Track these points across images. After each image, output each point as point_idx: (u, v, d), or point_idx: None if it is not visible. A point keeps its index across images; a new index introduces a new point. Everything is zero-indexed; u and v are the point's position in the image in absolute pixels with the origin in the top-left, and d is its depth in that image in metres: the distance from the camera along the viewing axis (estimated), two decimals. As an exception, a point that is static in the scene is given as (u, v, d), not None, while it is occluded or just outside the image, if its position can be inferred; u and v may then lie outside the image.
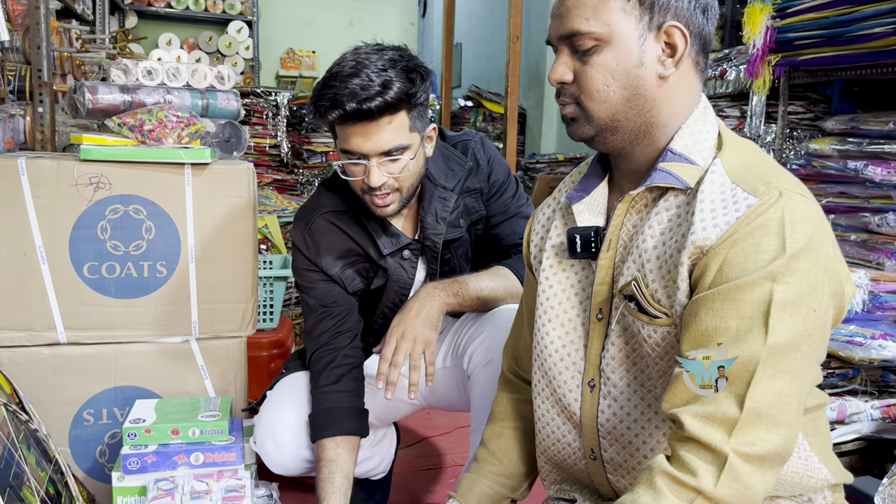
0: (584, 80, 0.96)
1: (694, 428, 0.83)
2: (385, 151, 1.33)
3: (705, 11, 0.96)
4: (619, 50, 0.94)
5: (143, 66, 1.73)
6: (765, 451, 0.82)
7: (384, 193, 1.37)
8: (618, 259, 1.02)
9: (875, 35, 1.82)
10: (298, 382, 1.55)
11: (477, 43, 5.99)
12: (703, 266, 0.87)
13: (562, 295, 1.09)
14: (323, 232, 1.49)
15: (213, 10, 5.60)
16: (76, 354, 1.62)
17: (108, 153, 1.58)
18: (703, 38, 0.97)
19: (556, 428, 1.12)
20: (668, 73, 0.95)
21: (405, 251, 1.50)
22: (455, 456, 2.18)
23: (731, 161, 0.94)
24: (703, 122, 0.98)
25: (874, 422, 1.68)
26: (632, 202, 1.00)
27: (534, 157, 4.57)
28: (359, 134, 1.31)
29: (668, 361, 0.95)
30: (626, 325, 1.00)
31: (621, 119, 0.97)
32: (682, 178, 0.94)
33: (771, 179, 0.89)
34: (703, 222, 0.89)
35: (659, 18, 0.93)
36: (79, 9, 2.91)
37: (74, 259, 1.58)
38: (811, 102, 2.36)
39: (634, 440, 1.02)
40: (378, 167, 1.34)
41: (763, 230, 0.85)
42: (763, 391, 0.82)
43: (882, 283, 1.76)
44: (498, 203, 1.57)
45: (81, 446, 1.65)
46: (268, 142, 3.54)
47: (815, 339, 0.85)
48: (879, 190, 1.91)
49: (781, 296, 0.83)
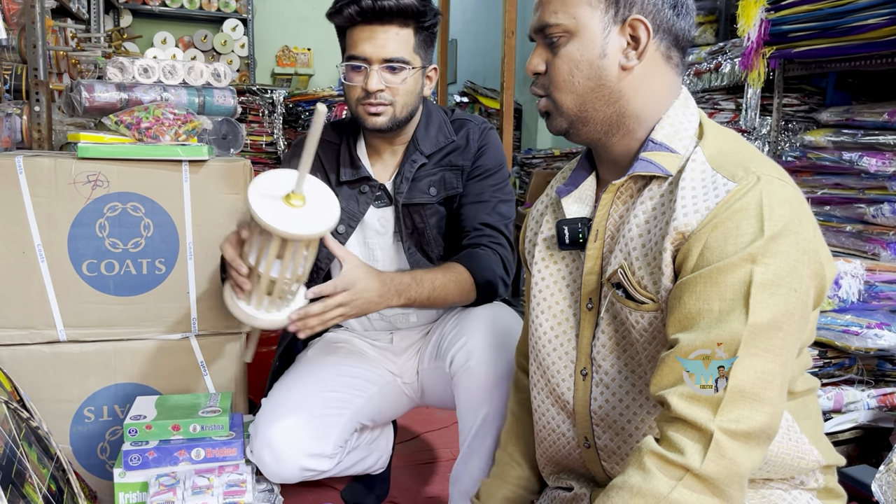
0: (552, 70, 1.01)
1: (680, 408, 0.85)
2: (387, 59, 1.44)
3: (675, 7, 0.99)
4: (584, 41, 0.98)
5: (140, 64, 1.73)
6: (750, 427, 0.83)
7: (378, 103, 1.47)
8: (605, 249, 1.04)
9: (869, 26, 1.83)
10: (293, 387, 1.55)
11: (472, 39, 5.99)
12: (686, 251, 0.90)
13: (553, 286, 1.12)
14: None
15: (207, 8, 5.59)
16: (76, 352, 1.62)
17: (106, 151, 1.58)
18: (673, 34, 1.00)
19: (552, 418, 1.13)
20: (631, 64, 0.98)
21: (364, 186, 1.56)
22: (452, 450, 2.19)
23: (711, 149, 0.96)
24: (684, 112, 1.01)
25: (870, 411, 1.70)
26: (616, 192, 1.03)
27: (530, 153, 4.57)
28: (366, 38, 1.44)
29: (656, 346, 0.98)
30: (614, 312, 1.02)
31: (589, 109, 1.00)
32: (663, 167, 0.97)
33: (749, 165, 0.91)
34: (684, 208, 0.91)
35: (624, 12, 0.97)
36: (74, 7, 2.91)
37: (73, 257, 1.59)
38: (806, 94, 2.37)
39: (627, 426, 1.03)
40: (378, 72, 1.45)
41: (742, 213, 0.87)
42: (746, 370, 0.84)
43: (878, 273, 1.77)
44: (476, 185, 1.58)
45: (82, 443, 1.65)
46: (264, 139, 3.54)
47: (796, 318, 0.87)
48: (874, 181, 1.92)
49: (761, 277, 0.85)
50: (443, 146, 1.58)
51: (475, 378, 1.39)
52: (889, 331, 1.66)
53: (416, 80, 1.50)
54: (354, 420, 1.57)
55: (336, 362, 1.62)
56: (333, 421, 1.52)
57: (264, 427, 1.46)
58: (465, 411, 1.44)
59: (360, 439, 1.66)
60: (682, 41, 1.01)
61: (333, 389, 1.55)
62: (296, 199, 1.16)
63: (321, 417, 1.50)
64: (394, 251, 1.62)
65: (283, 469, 1.45)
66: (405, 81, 1.47)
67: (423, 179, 1.55)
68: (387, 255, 1.62)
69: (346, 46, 1.49)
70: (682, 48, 1.02)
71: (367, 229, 1.61)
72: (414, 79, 1.49)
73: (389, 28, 1.43)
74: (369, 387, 1.61)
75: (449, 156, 1.58)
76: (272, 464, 1.45)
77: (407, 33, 1.46)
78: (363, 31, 1.44)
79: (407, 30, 1.45)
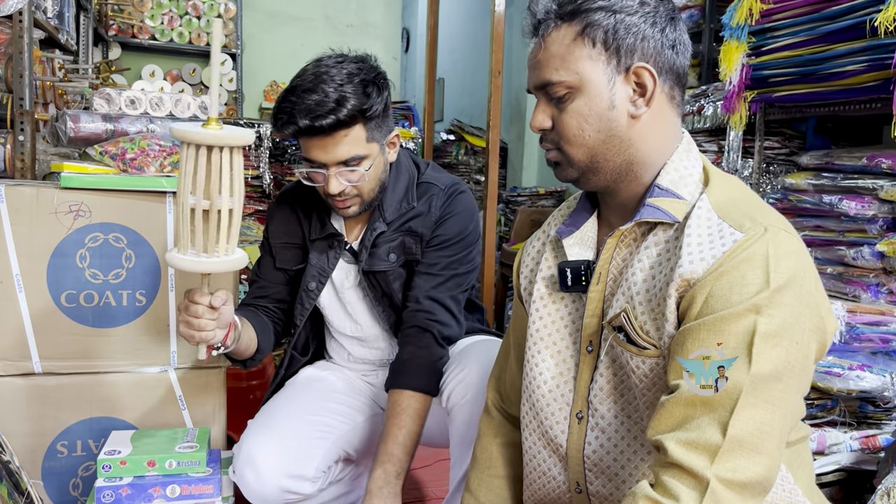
0: (560, 126, 1.00)
1: (677, 454, 0.84)
2: (342, 161, 1.41)
3: (674, 46, 0.99)
4: (591, 95, 0.98)
5: (126, 96, 1.73)
6: (746, 478, 0.82)
7: (344, 198, 1.46)
8: (607, 292, 1.03)
9: (848, 73, 1.87)
10: (279, 410, 1.55)
11: (459, 78, 6.06)
12: (690, 298, 0.89)
13: (552, 327, 1.10)
14: (280, 207, 1.65)
15: (197, 42, 5.62)
16: (51, 385, 1.59)
17: (89, 181, 1.57)
18: (675, 73, 1.00)
19: (542, 461, 1.11)
20: (640, 112, 0.98)
21: (333, 241, 1.58)
22: (436, 489, 2.16)
23: (717, 196, 0.96)
24: (688, 157, 1.01)
25: (853, 453, 1.69)
26: (621, 237, 1.03)
27: (515, 191, 4.61)
28: (316, 147, 1.41)
29: (655, 393, 0.96)
30: (614, 356, 1.01)
31: (600, 160, 1.00)
32: (671, 213, 0.97)
33: (756, 215, 0.92)
34: (690, 256, 0.91)
35: (626, 61, 0.97)
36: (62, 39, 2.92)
37: (52, 287, 1.56)
38: (786, 138, 2.41)
39: (621, 472, 1.02)
40: (336, 176, 1.43)
41: (748, 264, 0.87)
42: (745, 419, 0.83)
43: (859, 315, 1.78)
44: (431, 254, 1.56)
45: (54, 479, 1.61)
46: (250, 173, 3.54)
47: (797, 370, 0.87)
48: (854, 224, 1.95)
49: (765, 327, 0.85)
50: (404, 212, 1.56)
51: (472, 414, 1.39)
52: (871, 372, 1.66)
53: (377, 164, 1.47)
54: (338, 446, 1.56)
55: (325, 388, 1.63)
56: (317, 444, 1.52)
57: (248, 446, 1.45)
58: (458, 447, 1.44)
59: (344, 472, 1.65)
60: (682, 78, 1.02)
61: (319, 414, 1.56)
62: (212, 123, 1.13)
63: (305, 440, 1.50)
64: (365, 307, 1.64)
65: (264, 488, 1.44)
66: (363, 177, 1.44)
67: (382, 246, 1.55)
68: (359, 311, 1.64)
69: (301, 148, 1.46)
70: (682, 85, 1.03)
71: (338, 285, 1.63)
72: (375, 165, 1.46)
73: (336, 134, 1.39)
74: (356, 416, 1.61)
75: (409, 222, 1.56)
76: (253, 482, 1.43)
77: (356, 131, 1.40)
78: (311, 140, 1.40)
79: (356, 128, 1.40)
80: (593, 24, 0.96)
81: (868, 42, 1.80)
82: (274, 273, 1.65)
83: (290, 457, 1.45)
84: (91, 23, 4.30)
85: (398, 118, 3.88)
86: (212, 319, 1.25)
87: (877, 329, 1.75)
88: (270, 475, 1.43)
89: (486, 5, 4.77)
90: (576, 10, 0.97)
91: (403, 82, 6.78)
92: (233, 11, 5.68)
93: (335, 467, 1.59)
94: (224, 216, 1.16)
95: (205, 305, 1.24)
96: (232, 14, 5.69)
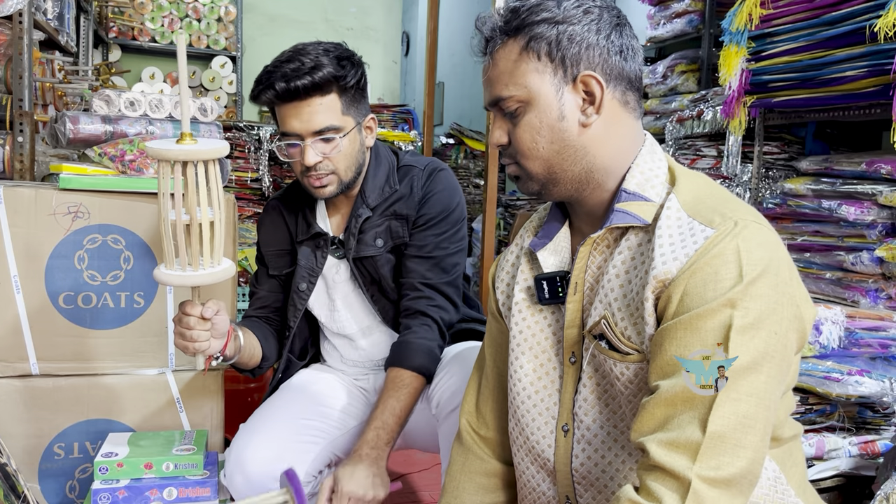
0: (515, 140, 1.01)
1: (658, 455, 0.83)
2: (317, 131, 1.44)
3: (621, 52, 0.99)
4: (541, 108, 0.98)
5: (126, 97, 1.73)
6: (730, 474, 0.82)
7: (320, 174, 1.47)
8: (585, 301, 1.03)
9: (847, 78, 1.87)
10: (270, 413, 1.54)
11: (459, 81, 6.06)
12: (666, 298, 0.89)
13: (532, 340, 1.10)
14: (269, 213, 1.67)
15: (197, 45, 5.63)
16: (49, 386, 1.59)
17: (88, 182, 1.57)
18: (625, 78, 1.00)
19: (531, 477, 1.10)
20: (591, 120, 0.99)
21: (319, 241, 1.59)
22: (433, 493, 2.15)
23: (685, 195, 0.96)
24: (652, 158, 1.01)
25: (852, 458, 1.69)
26: (594, 244, 1.02)
27: (514, 194, 4.61)
28: (292, 115, 1.44)
29: (641, 398, 0.95)
30: (596, 365, 1.00)
31: (557, 171, 1.00)
32: (640, 216, 0.97)
33: (725, 210, 0.92)
34: (662, 256, 0.91)
35: (572, 71, 0.98)
36: (62, 40, 2.92)
37: (50, 289, 1.56)
38: (785, 143, 2.41)
39: (610, 483, 1.01)
40: (312, 146, 1.45)
41: (720, 259, 0.87)
42: (726, 414, 0.83)
43: (857, 321, 1.78)
44: (419, 236, 1.57)
45: (51, 481, 1.61)
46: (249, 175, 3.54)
47: (776, 360, 0.86)
48: (853, 229, 1.95)
49: (741, 321, 0.85)
50: (387, 196, 1.58)
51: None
52: (869, 378, 1.66)
53: (352, 141, 1.50)
54: (330, 451, 1.56)
55: (317, 393, 1.62)
56: (308, 448, 1.51)
57: (237, 449, 1.45)
58: (448, 453, 1.42)
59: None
60: (635, 82, 1.01)
61: (311, 418, 1.55)
62: (186, 139, 1.14)
63: (296, 444, 1.49)
64: (356, 299, 1.64)
65: (253, 492, 1.42)
66: (340, 147, 1.47)
67: (368, 232, 1.57)
68: (349, 305, 1.64)
69: (278, 123, 1.50)
70: (636, 89, 1.02)
71: (329, 281, 1.63)
72: (350, 140, 1.49)
73: (311, 101, 1.43)
74: (349, 420, 1.60)
75: (394, 205, 1.58)
76: (243, 486, 1.43)
77: (331, 100, 1.45)
78: (287, 108, 1.44)
79: (330, 96, 1.44)
80: (537, 37, 0.97)
81: (867, 48, 1.81)
82: (269, 282, 1.67)
83: (280, 460, 1.44)
84: (91, 25, 4.30)
85: (398, 121, 3.88)
86: (205, 330, 1.28)
87: (876, 334, 1.75)
88: (260, 479, 1.42)
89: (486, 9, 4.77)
90: (520, 25, 0.98)
91: (403, 86, 6.79)
92: (233, 14, 5.69)
93: (327, 471, 1.58)
94: (206, 229, 1.17)
95: (196, 317, 1.27)
96: (232, 17, 5.70)
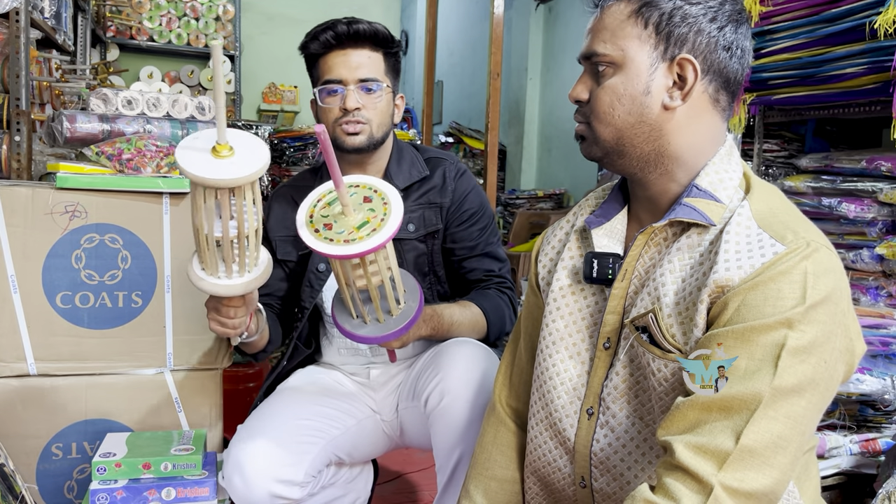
0: (594, 100, 0.99)
1: (684, 457, 0.82)
2: (362, 79, 1.53)
3: (729, 48, 0.96)
4: (629, 75, 0.96)
5: (123, 96, 1.72)
6: (752, 489, 0.81)
7: (356, 121, 1.53)
8: (631, 290, 1.01)
9: (847, 75, 1.87)
10: (268, 414, 1.53)
11: (458, 80, 6.06)
12: (722, 305, 0.88)
13: (568, 318, 1.08)
14: (277, 200, 1.69)
15: (195, 44, 5.62)
16: (46, 386, 1.58)
17: (85, 181, 1.56)
18: (724, 76, 0.97)
19: (548, 451, 1.10)
20: (675, 105, 0.96)
21: None
22: (433, 492, 2.15)
23: (758, 205, 0.94)
24: (729, 161, 0.99)
25: (853, 456, 1.68)
26: (651, 234, 1.01)
27: (514, 193, 4.61)
28: (340, 62, 1.53)
29: (673, 397, 0.94)
30: (633, 356, 0.99)
31: (626, 144, 0.98)
32: (707, 215, 0.95)
33: (798, 229, 0.90)
34: (727, 262, 0.89)
35: (673, 50, 0.95)
36: (60, 39, 2.91)
37: (47, 288, 1.55)
38: (785, 141, 2.41)
39: (627, 472, 1.01)
40: (355, 91, 1.52)
41: (786, 277, 0.86)
42: (761, 431, 0.82)
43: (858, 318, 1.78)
44: (466, 233, 1.62)
45: (49, 481, 1.60)
46: (248, 174, 3.53)
47: (821, 389, 0.85)
48: (853, 226, 1.94)
49: (795, 342, 0.83)
50: (416, 180, 1.62)
51: (450, 418, 1.37)
52: (871, 375, 1.66)
53: (388, 102, 1.59)
54: (329, 451, 1.54)
55: (315, 392, 1.61)
56: (307, 448, 1.50)
57: (235, 450, 1.44)
58: (440, 452, 1.42)
59: (338, 476, 1.63)
60: (732, 84, 0.99)
61: (309, 418, 1.54)
62: (223, 150, 1.11)
63: (295, 444, 1.48)
64: None
65: (252, 494, 1.42)
66: (380, 100, 1.55)
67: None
68: None
69: (320, 74, 1.56)
70: (731, 91, 1.00)
71: None
72: (387, 100, 1.58)
73: (362, 50, 1.53)
74: (347, 419, 1.59)
75: (427, 193, 1.61)
76: (241, 488, 1.42)
77: (378, 56, 1.55)
78: (337, 55, 1.53)
79: (378, 53, 1.55)
80: (651, 5, 0.95)
81: (867, 45, 1.80)
82: (275, 270, 1.64)
83: (279, 462, 1.43)
84: (89, 24, 4.29)
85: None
86: (243, 309, 1.31)
87: (876, 332, 1.74)
88: (258, 480, 1.41)
89: (484, 8, 4.77)
90: None
91: (402, 85, 6.79)
92: (231, 13, 5.68)
93: (327, 471, 1.57)
94: (252, 237, 1.19)
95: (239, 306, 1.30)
96: (230, 16, 5.69)
